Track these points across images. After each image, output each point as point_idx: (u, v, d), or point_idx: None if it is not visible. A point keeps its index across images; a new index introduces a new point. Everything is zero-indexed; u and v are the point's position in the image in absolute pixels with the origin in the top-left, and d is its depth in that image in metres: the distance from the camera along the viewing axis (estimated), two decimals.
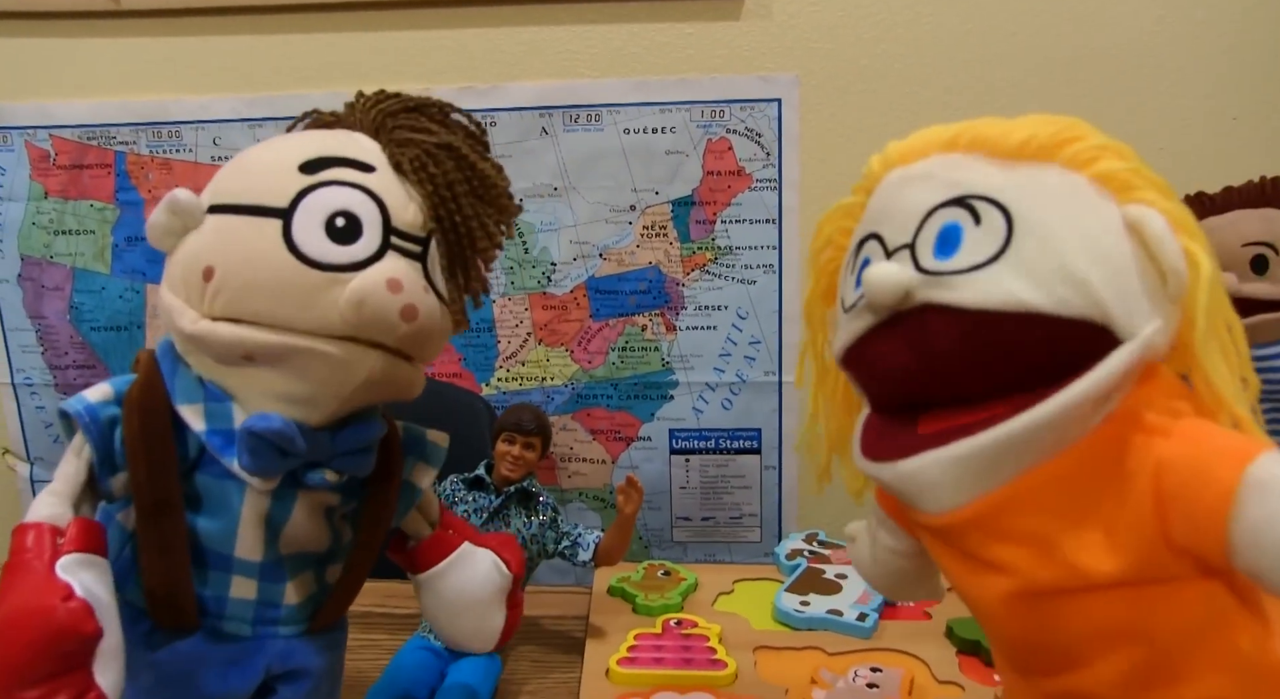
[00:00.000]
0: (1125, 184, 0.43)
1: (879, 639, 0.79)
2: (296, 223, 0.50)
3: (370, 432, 0.56)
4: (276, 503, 0.54)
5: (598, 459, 1.32)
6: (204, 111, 1.28)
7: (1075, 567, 0.40)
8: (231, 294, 0.50)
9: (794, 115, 1.23)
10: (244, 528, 0.53)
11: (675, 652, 0.76)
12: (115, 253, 1.31)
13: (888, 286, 0.43)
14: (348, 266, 0.49)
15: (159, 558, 0.53)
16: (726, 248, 1.26)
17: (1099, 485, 0.40)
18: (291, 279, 0.49)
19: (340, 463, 0.54)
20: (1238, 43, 1.20)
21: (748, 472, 1.31)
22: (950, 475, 0.42)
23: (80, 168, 1.30)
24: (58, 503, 0.51)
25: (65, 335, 1.33)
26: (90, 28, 1.27)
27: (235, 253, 0.50)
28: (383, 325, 0.49)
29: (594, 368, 1.30)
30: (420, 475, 0.62)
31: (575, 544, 0.81)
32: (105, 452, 0.52)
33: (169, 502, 0.52)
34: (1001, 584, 0.43)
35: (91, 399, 0.53)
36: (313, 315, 0.49)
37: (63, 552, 0.48)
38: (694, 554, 1.34)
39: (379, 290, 0.49)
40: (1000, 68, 1.20)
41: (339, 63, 1.26)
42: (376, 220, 0.51)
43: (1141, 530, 0.39)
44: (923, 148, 0.48)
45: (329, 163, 0.52)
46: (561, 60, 1.24)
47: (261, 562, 0.54)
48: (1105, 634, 0.41)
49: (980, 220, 0.43)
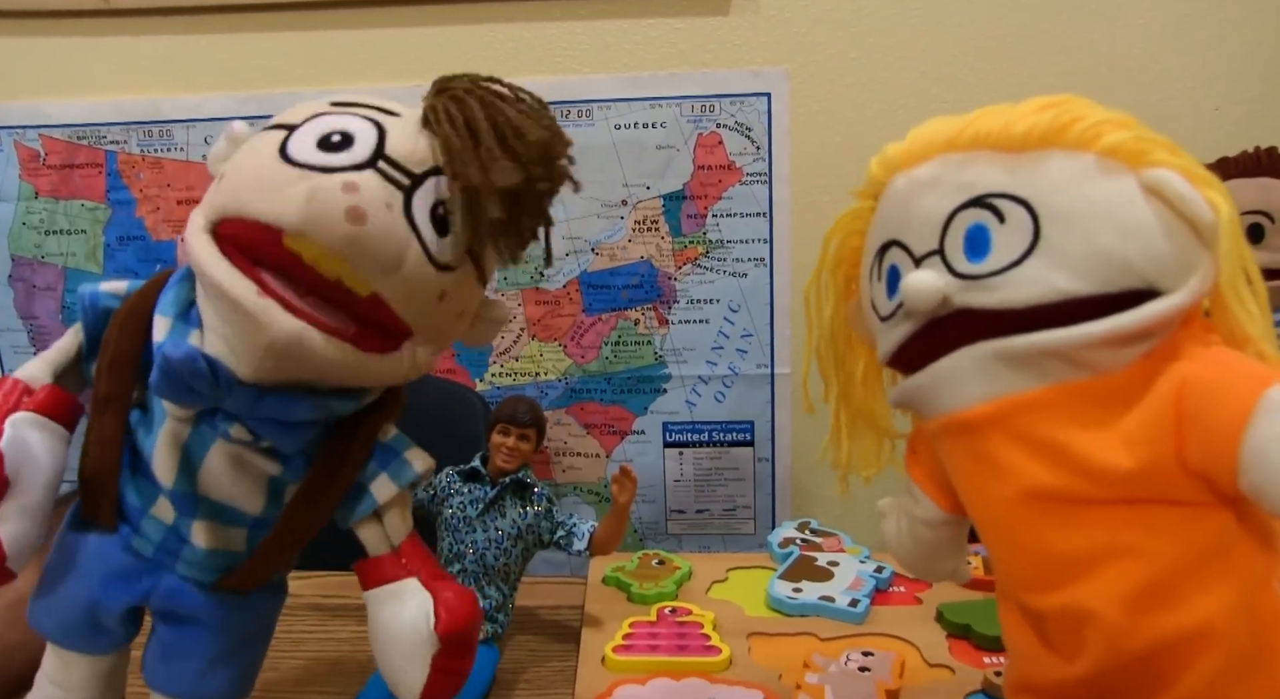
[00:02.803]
0: (1134, 152, 0.43)
1: (870, 624, 0.80)
2: (297, 133, 0.51)
3: (292, 407, 0.53)
4: (194, 437, 0.54)
5: (592, 453, 1.33)
6: (195, 110, 1.28)
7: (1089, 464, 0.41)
8: (224, 191, 0.51)
9: (784, 109, 1.23)
10: (159, 447, 0.54)
11: (670, 639, 0.77)
12: (108, 252, 1.31)
13: (925, 294, 0.44)
14: (320, 168, 0.49)
15: (95, 449, 0.54)
16: (718, 241, 1.26)
17: (1125, 405, 0.41)
18: (268, 171, 0.50)
19: (257, 425, 0.53)
20: (1221, 34, 1.21)
21: (741, 464, 1.32)
22: (979, 368, 0.44)
23: (71, 167, 1.29)
24: (41, 366, 0.55)
25: (58, 336, 1.31)
26: (80, 26, 1.26)
27: (241, 157, 0.52)
28: (325, 222, 0.48)
29: (587, 362, 1.30)
30: (380, 488, 0.58)
31: (570, 534, 0.81)
32: (93, 338, 0.55)
33: (116, 397, 0.54)
34: (1014, 485, 0.44)
35: (101, 288, 0.56)
36: (271, 204, 0.49)
37: (22, 407, 0.52)
38: (688, 546, 1.34)
39: (332, 186, 0.48)
40: (989, 60, 1.22)
41: (330, 60, 1.26)
42: (370, 141, 0.51)
43: (1159, 445, 0.40)
44: (923, 149, 0.48)
45: (359, 105, 0.53)
46: (551, 56, 1.24)
47: (171, 489, 0.55)
48: (1108, 547, 0.42)
49: (1005, 218, 0.43)
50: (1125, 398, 0.41)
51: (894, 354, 0.50)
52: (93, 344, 0.55)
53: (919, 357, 0.48)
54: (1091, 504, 0.42)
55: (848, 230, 0.55)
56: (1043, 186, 0.43)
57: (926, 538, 0.55)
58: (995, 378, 0.44)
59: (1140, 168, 0.43)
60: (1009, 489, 0.44)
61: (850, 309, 0.56)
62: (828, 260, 0.57)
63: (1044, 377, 0.43)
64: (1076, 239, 0.42)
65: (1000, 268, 0.43)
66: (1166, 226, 0.42)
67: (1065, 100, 0.46)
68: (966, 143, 0.46)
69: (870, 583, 0.85)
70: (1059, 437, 0.42)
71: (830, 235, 0.56)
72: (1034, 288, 0.42)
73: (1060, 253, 0.42)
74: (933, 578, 0.62)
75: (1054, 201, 0.43)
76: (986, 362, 0.44)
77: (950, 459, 0.49)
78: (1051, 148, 0.44)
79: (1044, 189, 0.43)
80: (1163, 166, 0.42)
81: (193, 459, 0.55)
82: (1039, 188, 0.43)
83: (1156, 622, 0.41)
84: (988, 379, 0.44)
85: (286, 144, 0.51)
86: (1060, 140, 0.44)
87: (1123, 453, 0.40)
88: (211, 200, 0.52)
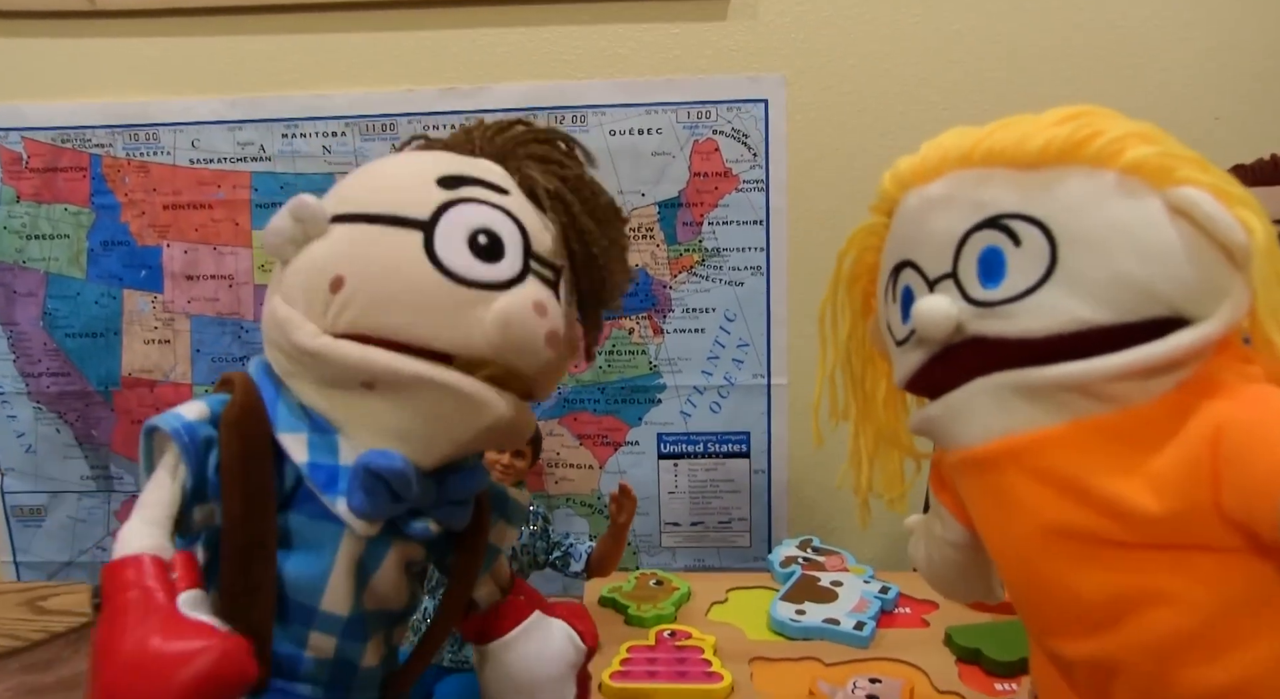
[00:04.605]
0: (1159, 169, 0.41)
1: (877, 648, 0.79)
2: (440, 236, 0.47)
3: (477, 481, 0.52)
4: (371, 552, 0.49)
5: (585, 464, 1.31)
6: (183, 113, 1.25)
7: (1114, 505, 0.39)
8: (363, 306, 0.46)
9: (781, 116, 1.22)
10: (335, 577, 0.49)
11: (669, 664, 0.75)
12: (91, 258, 1.29)
13: (938, 322, 0.43)
14: (493, 285, 0.46)
15: (242, 606, 0.47)
16: (714, 250, 1.25)
17: (1153, 444, 0.39)
18: (434, 292, 0.46)
19: (443, 513, 0.50)
20: (1222, 43, 1.20)
21: (737, 476, 1.30)
22: (994, 401, 0.42)
23: (54, 171, 1.27)
24: (156, 533, 0.46)
25: (39, 342, 1.30)
26: (65, 27, 1.24)
27: (371, 263, 0.47)
28: (527, 350, 0.47)
29: (581, 372, 1.28)
30: (502, 536, 0.58)
31: (567, 555, 0.79)
32: (199, 478, 0.47)
33: (263, 541, 0.47)
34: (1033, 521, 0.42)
35: (189, 416, 0.48)
36: (455, 333, 0.45)
37: (180, 588, 0.44)
38: (683, 559, 1.32)
39: (526, 312, 0.46)
40: (989, 68, 1.20)
41: (322, 64, 1.24)
42: (518, 242, 0.48)
43: (1192, 491, 0.38)
44: (937, 164, 0.46)
45: (466, 181, 0.50)
46: (546, 61, 1.22)
47: (347, 616, 0.49)
48: (1138, 593, 0.40)
49: (1020, 241, 0.41)
50: (1153, 435, 0.39)
51: (909, 381, 0.48)
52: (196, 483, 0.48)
53: (935, 385, 0.46)
54: (1119, 546, 0.40)
55: (863, 246, 0.53)
56: (1059, 207, 0.41)
57: (954, 560, 0.54)
58: (1011, 412, 0.42)
59: (1166, 186, 0.41)
60: (1028, 525, 0.42)
61: (870, 326, 0.54)
62: (843, 277, 0.55)
63: (1063, 411, 0.41)
64: (1096, 264, 0.40)
65: (1016, 295, 0.41)
66: (1194, 250, 0.40)
67: (1086, 112, 0.43)
68: (981, 158, 0.44)
69: (875, 604, 0.83)
70: (1081, 475, 0.40)
71: (845, 251, 0.55)
72: (1052, 317, 0.40)
73: (1079, 279, 0.40)
74: (964, 599, 0.60)
75: (1072, 223, 0.41)
76: (1002, 394, 0.42)
77: (967, 494, 0.47)
78: (1070, 164, 0.42)
79: (1061, 210, 0.41)
80: (1190, 185, 0.40)
81: (366, 577, 0.50)
82: (1056, 208, 0.41)
83: (1192, 676, 0.39)
84: (1003, 413, 0.42)
85: (434, 249, 0.46)
86: (1079, 156, 0.42)
87: (1150, 497, 0.38)
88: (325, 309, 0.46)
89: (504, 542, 0.58)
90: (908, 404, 0.56)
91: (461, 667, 0.79)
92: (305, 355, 0.47)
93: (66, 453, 1.32)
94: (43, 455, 1.32)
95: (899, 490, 0.57)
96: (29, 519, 1.33)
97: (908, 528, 0.59)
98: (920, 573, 0.58)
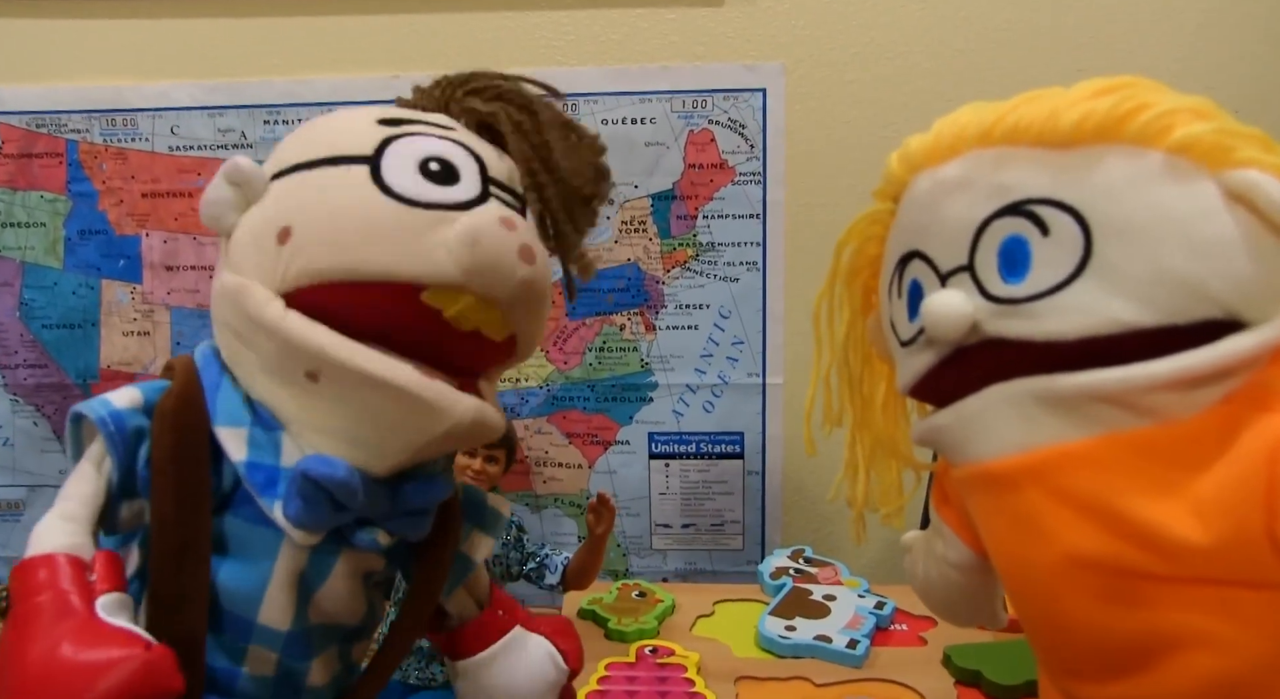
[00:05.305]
0: (1215, 148, 0.36)
1: (870, 668, 0.76)
2: (387, 166, 0.44)
3: (437, 491, 0.48)
4: (315, 562, 0.45)
5: (574, 464, 1.28)
6: (161, 98, 1.22)
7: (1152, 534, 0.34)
8: (315, 249, 0.42)
9: (779, 105, 1.18)
10: (274, 588, 0.44)
11: (650, 684, 0.72)
12: (68, 247, 1.25)
13: (952, 321, 0.38)
14: (452, 206, 0.43)
15: (171, 614, 0.43)
16: (708, 244, 1.22)
17: (1198, 462, 0.34)
18: (389, 219, 0.42)
19: (396, 524, 0.46)
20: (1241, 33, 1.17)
21: (730, 477, 1.27)
22: (1016, 413, 0.37)
23: (29, 157, 1.23)
24: (75, 530, 0.42)
25: (15, 333, 1.27)
26: (39, 8, 1.20)
27: (317, 204, 0.43)
28: (501, 267, 0.43)
29: (570, 369, 1.25)
30: (476, 547, 0.54)
31: (542, 566, 0.76)
32: (127, 471, 0.44)
33: (195, 545, 0.43)
34: (1055, 549, 0.37)
35: (117, 404, 0.44)
36: (418, 258, 0.42)
37: (98, 591, 0.40)
38: (674, 562, 1.30)
39: (494, 226, 0.42)
40: (995, 58, 1.17)
41: (303, 48, 1.21)
42: (473, 167, 0.45)
43: (1242, 516, 0.33)
44: (952, 144, 0.41)
45: (408, 121, 0.47)
46: (536, 47, 1.19)
47: (288, 631, 0.45)
48: (1175, 634, 0.35)
49: (1048, 230, 0.37)
50: (1197, 452, 0.34)
51: (915, 385, 0.44)
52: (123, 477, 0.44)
53: (944, 391, 0.42)
54: (1155, 580, 0.35)
55: (865, 236, 0.49)
56: (1097, 192, 0.36)
57: (958, 583, 0.50)
58: (1033, 424, 0.37)
59: (1223, 169, 0.36)
60: (1050, 554, 0.38)
61: (870, 324, 0.50)
62: (841, 270, 0.51)
63: (1093, 424, 0.36)
64: (1138, 257, 0.35)
65: (1042, 291, 0.36)
66: (1254, 242, 0.35)
67: (1127, 83, 0.38)
68: (1003, 136, 0.39)
69: (870, 621, 0.80)
70: (1112, 497, 0.35)
71: (844, 241, 0.50)
72: (1085, 317, 0.36)
73: (1118, 274, 0.35)
74: (965, 624, 0.56)
75: (1110, 210, 0.36)
76: (1024, 404, 0.37)
77: (979, 513, 0.43)
78: (1109, 143, 0.37)
79: (1098, 195, 0.36)
80: (1252, 167, 0.35)
81: (310, 589, 0.46)
82: (1092, 193, 0.36)
83: None
84: (1024, 425, 0.37)
85: (382, 178, 0.43)
86: (1120, 134, 0.37)
87: (1194, 523, 0.34)
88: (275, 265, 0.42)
89: (477, 552, 0.54)
90: (908, 410, 0.52)
91: (429, 684, 0.76)
92: (253, 328, 0.43)
93: (45, 446, 1.29)
94: (20, 449, 1.29)
95: (897, 504, 0.53)
96: (7, 513, 1.31)
97: (905, 545, 0.55)
98: (917, 593, 0.54)
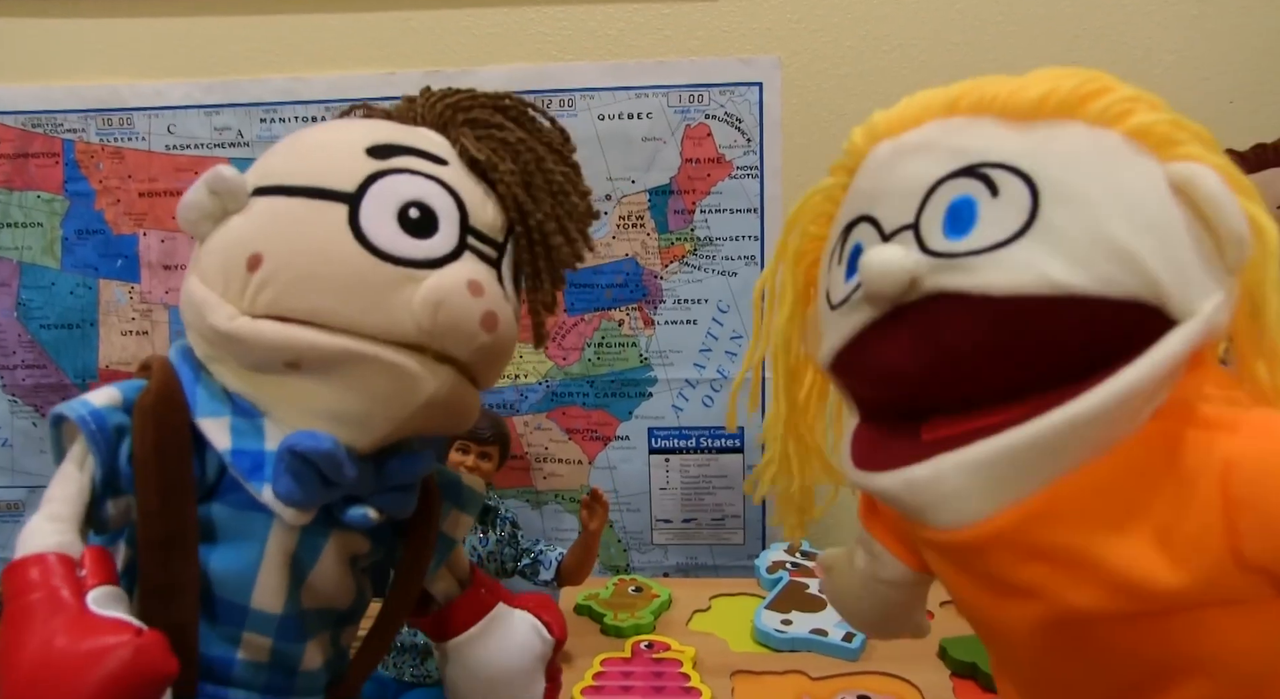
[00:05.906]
0: (1166, 139, 0.36)
1: (866, 661, 0.75)
2: (366, 210, 0.43)
3: (421, 464, 0.49)
4: (305, 543, 0.46)
5: (574, 459, 1.27)
6: (158, 97, 1.22)
7: (1127, 582, 0.33)
8: (283, 287, 0.43)
9: (776, 99, 1.18)
10: (265, 571, 0.45)
11: (645, 679, 0.72)
12: (65, 246, 1.25)
13: (890, 272, 0.36)
14: (423, 263, 0.43)
15: (162, 605, 0.44)
16: (706, 238, 1.21)
17: (1150, 491, 0.33)
18: (358, 271, 0.42)
19: (384, 500, 0.47)
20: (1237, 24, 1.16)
21: (730, 472, 1.26)
22: (973, 482, 0.35)
23: (25, 156, 1.23)
24: (62, 529, 0.43)
25: (13, 334, 1.27)
26: (35, 7, 1.20)
27: (291, 239, 0.43)
28: (460, 334, 0.43)
29: (569, 364, 1.25)
30: (455, 525, 0.54)
31: (536, 562, 0.76)
32: (110, 469, 0.44)
33: (182, 536, 0.44)
34: (1034, 611, 0.36)
35: (96, 403, 0.45)
36: (379, 316, 0.42)
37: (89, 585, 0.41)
38: (674, 557, 1.29)
39: (459, 292, 0.42)
40: (992, 50, 1.16)
41: (301, 46, 1.20)
42: (454, 216, 0.45)
43: (1206, 542, 0.32)
44: (917, 114, 0.41)
45: (399, 150, 0.46)
46: (533, 43, 1.19)
47: (281, 615, 0.46)
48: (1165, 668, 0.35)
49: (998, 191, 0.36)
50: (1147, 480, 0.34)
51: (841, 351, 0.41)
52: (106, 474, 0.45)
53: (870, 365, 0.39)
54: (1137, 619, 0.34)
55: (815, 213, 0.47)
56: (1052, 158, 0.36)
57: (890, 598, 0.48)
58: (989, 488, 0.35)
59: (1170, 159, 0.36)
60: (1030, 616, 0.36)
61: (809, 316, 0.48)
62: (788, 252, 0.48)
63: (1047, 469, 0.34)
64: (1082, 222, 0.34)
65: (984, 247, 0.35)
66: (1192, 232, 0.34)
67: (1092, 72, 0.38)
68: (969, 107, 0.39)
69: None
70: (1079, 545, 0.34)
71: (792, 220, 0.48)
72: (1019, 273, 0.34)
73: (1059, 236, 0.34)
74: (891, 637, 0.55)
75: (1062, 177, 0.35)
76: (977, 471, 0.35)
77: (944, 576, 0.41)
78: (1070, 119, 0.37)
79: (1053, 161, 0.36)
80: (1197, 161, 0.35)
81: (302, 572, 0.47)
82: (1047, 160, 0.36)
83: None
84: (981, 491, 0.35)
85: (359, 224, 0.43)
86: (1082, 112, 0.37)
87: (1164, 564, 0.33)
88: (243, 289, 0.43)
89: (458, 531, 0.55)
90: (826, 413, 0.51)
91: (424, 681, 0.76)
92: (221, 338, 0.44)
93: (44, 447, 1.28)
94: (19, 449, 1.29)
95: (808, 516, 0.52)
96: (7, 514, 1.30)
97: (823, 564, 0.54)
98: (839, 611, 0.52)
